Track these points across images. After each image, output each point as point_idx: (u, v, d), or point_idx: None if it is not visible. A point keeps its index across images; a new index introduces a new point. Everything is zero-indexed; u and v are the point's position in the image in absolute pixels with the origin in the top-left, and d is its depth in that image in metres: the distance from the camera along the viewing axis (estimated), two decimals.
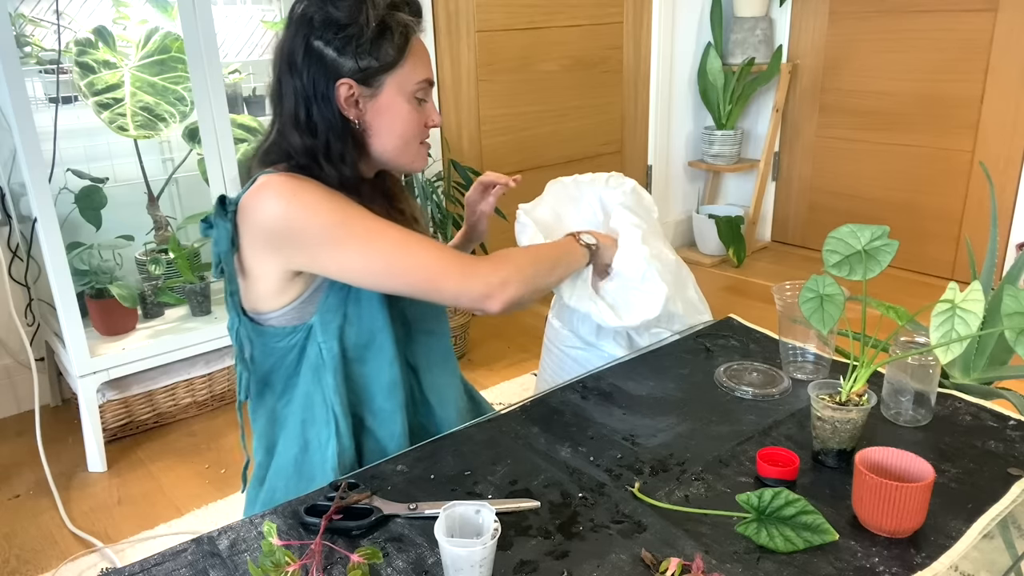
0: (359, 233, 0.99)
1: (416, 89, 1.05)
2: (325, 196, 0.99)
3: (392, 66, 1.03)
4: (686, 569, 0.77)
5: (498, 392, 2.47)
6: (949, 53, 3.17)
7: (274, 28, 2.53)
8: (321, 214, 0.97)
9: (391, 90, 1.04)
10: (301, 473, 1.09)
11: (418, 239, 1.02)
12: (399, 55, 1.03)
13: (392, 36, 1.01)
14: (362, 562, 0.78)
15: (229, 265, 1.03)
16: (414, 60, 1.04)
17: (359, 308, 1.06)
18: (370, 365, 1.09)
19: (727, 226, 3.60)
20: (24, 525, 1.93)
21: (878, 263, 0.92)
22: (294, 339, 1.06)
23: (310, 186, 0.99)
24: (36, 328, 2.42)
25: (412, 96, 1.06)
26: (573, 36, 3.24)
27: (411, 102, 1.06)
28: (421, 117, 1.08)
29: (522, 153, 3.21)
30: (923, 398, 1.06)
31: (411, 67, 1.04)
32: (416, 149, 1.10)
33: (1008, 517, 0.88)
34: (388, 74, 1.03)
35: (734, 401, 1.13)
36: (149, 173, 2.36)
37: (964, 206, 3.27)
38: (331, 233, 0.98)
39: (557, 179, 1.63)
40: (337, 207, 0.99)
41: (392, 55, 1.02)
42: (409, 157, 1.10)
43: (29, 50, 2.13)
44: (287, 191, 0.98)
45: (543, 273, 1.14)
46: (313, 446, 1.09)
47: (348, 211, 1.00)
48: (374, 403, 1.10)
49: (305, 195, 0.98)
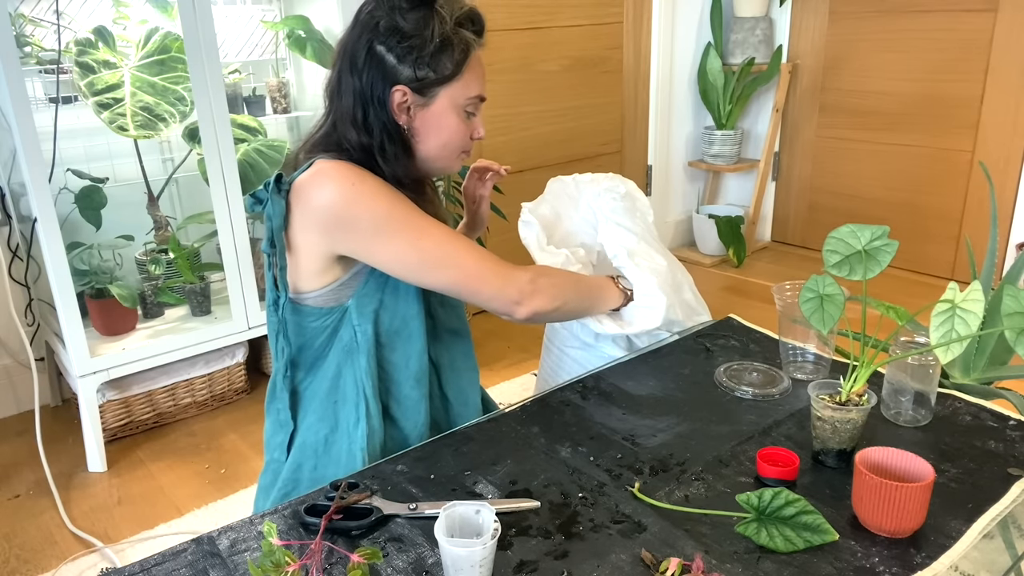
0: (410, 228, 1.03)
1: (467, 103, 1.09)
2: (381, 188, 1.03)
3: (448, 80, 1.06)
4: (686, 569, 0.77)
5: (498, 392, 2.46)
6: (949, 53, 3.17)
7: (274, 28, 2.53)
8: (376, 205, 1.01)
9: (443, 102, 1.07)
10: (330, 453, 1.11)
11: (463, 241, 1.06)
12: (456, 70, 1.06)
13: (453, 51, 1.04)
14: (362, 562, 0.78)
15: (281, 240, 1.06)
16: (470, 76, 1.07)
17: (396, 296, 1.10)
18: (399, 353, 1.12)
19: (727, 226, 3.59)
20: (24, 525, 1.93)
21: (878, 263, 0.92)
22: (329, 320, 1.09)
23: (368, 177, 1.03)
24: (36, 328, 2.42)
25: (463, 110, 1.09)
26: (573, 36, 3.23)
27: (460, 115, 1.09)
28: (467, 129, 1.11)
29: (522, 153, 3.21)
30: (923, 398, 1.06)
31: (466, 82, 1.07)
32: (456, 157, 1.13)
33: (1008, 517, 0.88)
34: (443, 87, 1.06)
35: (734, 401, 1.13)
36: (149, 173, 2.36)
37: (964, 206, 3.27)
38: (383, 224, 1.02)
39: (557, 177, 1.63)
40: (392, 200, 1.03)
41: (450, 69, 1.05)
42: (447, 163, 1.13)
43: (29, 50, 2.13)
44: (347, 179, 1.01)
45: (575, 298, 1.18)
46: (343, 427, 1.11)
47: (401, 206, 1.03)
48: (401, 391, 1.13)
49: (362, 185, 1.02)
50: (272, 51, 2.62)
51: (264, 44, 2.60)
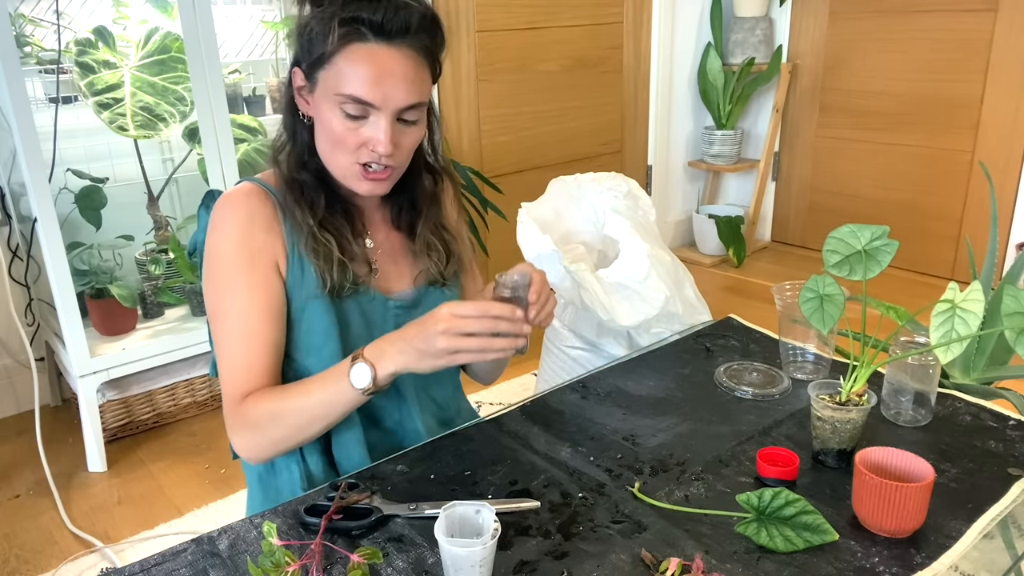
0: (219, 293, 0.99)
1: (341, 100, 0.93)
2: (228, 240, 0.99)
3: (320, 63, 0.94)
4: (686, 569, 0.77)
5: (498, 392, 2.46)
6: (949, 53, 3.17)
7: (274, 28, 2.53)
8: (211, 255, 1.00)
9: (320, 88, 0.96)
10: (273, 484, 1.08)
11: (242, 346, 0.98)
12: (326, 52, 0.93)
13: (329, 33, 0.92)
14: (362, 562, 0.78)
15: (201, 256, 1.05)
16: (346, 66, 0.92)
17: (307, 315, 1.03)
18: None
19: (727, 226, 3.59)
20: (24, 525, 1.93)
21: (878, 263, 0.92)
22: None
23: (229, 221, 0.99)
24: (36, 328, 2.42)
25: (338, 106, 0.94)
26: (573, 36, 3.23)
27: (335, 111, 0.95)
28: (350, 134, 0.96)
29: (522, 153, 3.21)
30: (923, 398, 1.06)
31: (338, 72, 0.93)
32: (347, 165, 0.98)
33: (1008, 517, 0.88)
34: (319, 70, 0.95)
35: (734, 401, 1.13)
36: (149, 173, 2.36)
37: (964, 206, 3.27)
38: (207, 277, 1.00)
39: (559, 177, 1.63)
40: (226, 259, 0.99)
41: (320, 51, 0.93)
42: (339, 170, 1.00)
43: (29, 50, 2.13)
44: (215, 216, 1.01)
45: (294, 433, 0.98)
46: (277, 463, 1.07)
47: (229, 268, 0.99)
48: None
49: (217, 237, 1.00)
50: (272, 51, 2.62)
51: (264, 44, 2.60)
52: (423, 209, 1.12)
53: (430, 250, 1.11)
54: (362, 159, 0.97)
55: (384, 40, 0.92)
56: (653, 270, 1.37)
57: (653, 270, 1.37)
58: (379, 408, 1.09)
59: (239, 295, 0.98)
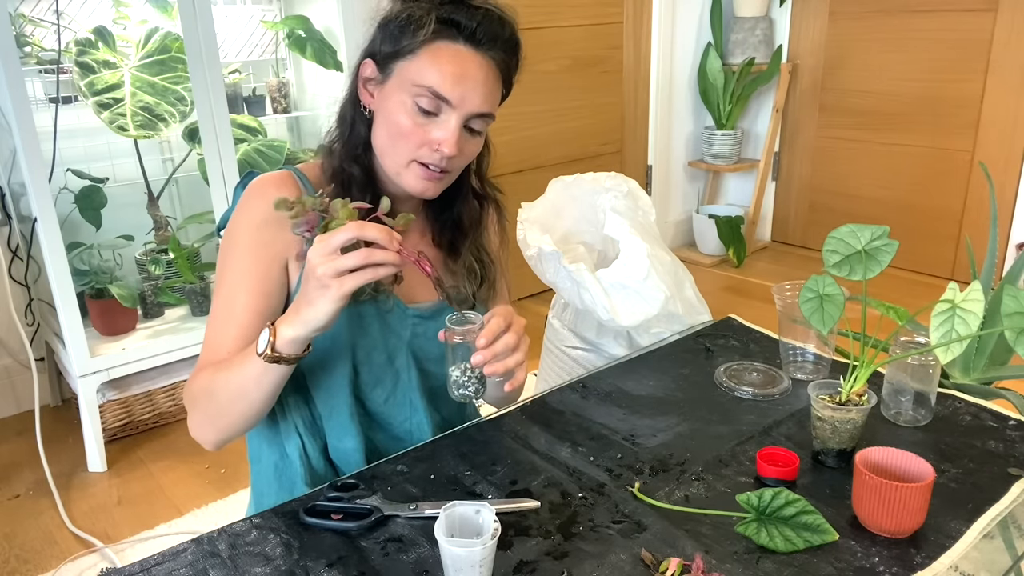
0: (225, 271, 1.01)
1: (417, 91, 0.94)
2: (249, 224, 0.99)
3: (401, 54, 0.95)
4: (686, 569, 0.77)
5: None
6: (949, 53, 3.17)
7: (274, 28, 2.53)
8: (229, 236, 1.01)
9: (395, 79, 0.96)
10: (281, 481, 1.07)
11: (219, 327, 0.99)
12: (412, 45, 0.94)
13: (418, 28, 0.94)
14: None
15: None
16: (429, 60, 0.94)
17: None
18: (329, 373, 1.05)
19: (727, 226, 3.60)
20: (24, 525, 1.93)
21: (878, 263, 0.92)
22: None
23: (253, 207, 0.99)
24: (36, 328, 2.42)
25: (412, 99, 0.95)
26: (573, 36, 3.23)
27: (408, 103, 0.95)
28: (418, 127, 0.96)
29: (522, 153, 3.21)
30: (923, 398, 1.06)
31: (420, 64, 0.94)
32: (405, 160, 0.98)
33: (1008, 517, 0.88)
34: (398, 61, 0.96)
35: (734, 401, 1.13)
36: (149, 173, 2.36)
37: (964, 206, 3.27)
38: (221, 253, 1.02)
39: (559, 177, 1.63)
40: (240, 241, 0.99)
41: (405, 43, 0.95)
42: (395, 165, 0.99)
43: (29, 50, 2.13)
44: (243, 198, 1.01)
45: (224, 409, 0.96)
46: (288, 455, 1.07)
47: (239, 249, 0.99)
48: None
49: (238, 215, 1.00)
50: (272, 51, 2.62)
51: (264, 44, 2.60)
52: (468, 231, 1.11)
53: (470, 273, 1.10)
54: (422, 158, 0.97)
55: (472, 45, 0.95)
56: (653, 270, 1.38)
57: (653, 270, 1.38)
58: (389, 416, 1.09)
59: (235, 278, 1.00)
